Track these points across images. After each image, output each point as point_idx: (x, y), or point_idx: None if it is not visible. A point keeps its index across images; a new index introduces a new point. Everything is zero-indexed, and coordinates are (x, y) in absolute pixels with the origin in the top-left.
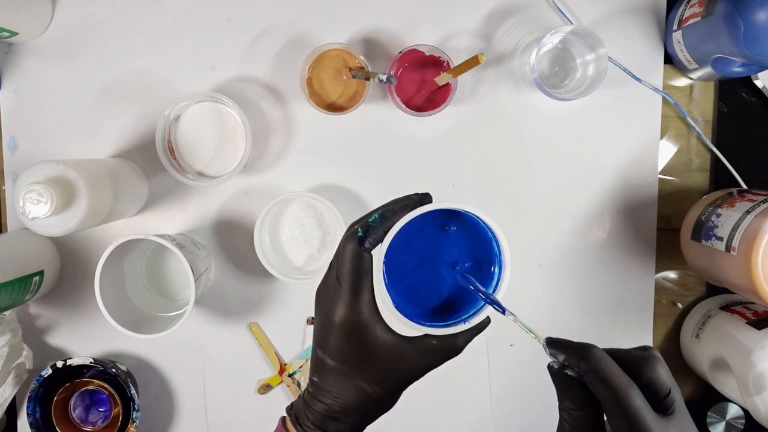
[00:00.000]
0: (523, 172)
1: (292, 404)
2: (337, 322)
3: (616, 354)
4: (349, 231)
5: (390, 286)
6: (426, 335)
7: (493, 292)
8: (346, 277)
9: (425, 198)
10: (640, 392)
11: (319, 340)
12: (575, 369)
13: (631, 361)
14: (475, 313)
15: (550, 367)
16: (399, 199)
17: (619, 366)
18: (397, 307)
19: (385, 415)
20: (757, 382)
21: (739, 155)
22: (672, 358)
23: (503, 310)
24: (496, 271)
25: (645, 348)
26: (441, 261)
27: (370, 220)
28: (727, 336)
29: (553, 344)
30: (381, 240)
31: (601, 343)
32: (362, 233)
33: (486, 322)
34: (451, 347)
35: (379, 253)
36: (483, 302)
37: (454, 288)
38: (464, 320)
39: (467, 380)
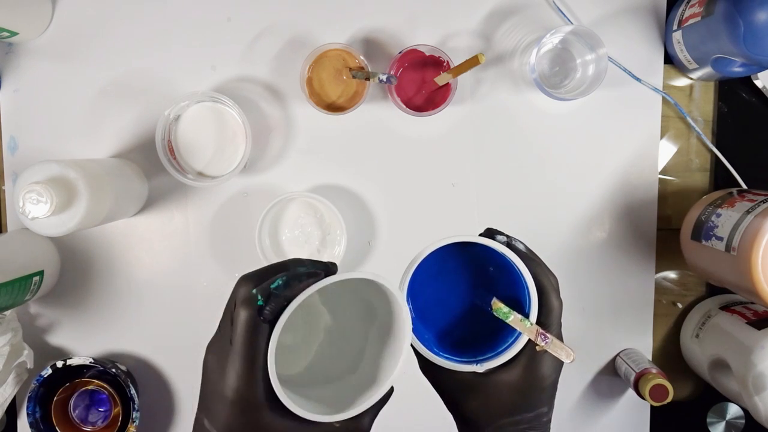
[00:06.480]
0: (523, 171)
1: None
2: (229, 396)
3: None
4: (247, 294)
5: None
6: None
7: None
8: (239, 346)
9: (332, 268)
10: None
11: (205, 409)
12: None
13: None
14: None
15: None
16: (304, 262)
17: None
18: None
19: (382, 414)
20: (757, 382)
21: (739, 155)
22: (672, 358)
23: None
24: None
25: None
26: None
27: (272, 285)
28: (727, 336)
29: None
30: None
31: (601, 343)
32: (262, 302)
33: (389, 393)
34: (356, 429)
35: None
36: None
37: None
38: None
39: None
